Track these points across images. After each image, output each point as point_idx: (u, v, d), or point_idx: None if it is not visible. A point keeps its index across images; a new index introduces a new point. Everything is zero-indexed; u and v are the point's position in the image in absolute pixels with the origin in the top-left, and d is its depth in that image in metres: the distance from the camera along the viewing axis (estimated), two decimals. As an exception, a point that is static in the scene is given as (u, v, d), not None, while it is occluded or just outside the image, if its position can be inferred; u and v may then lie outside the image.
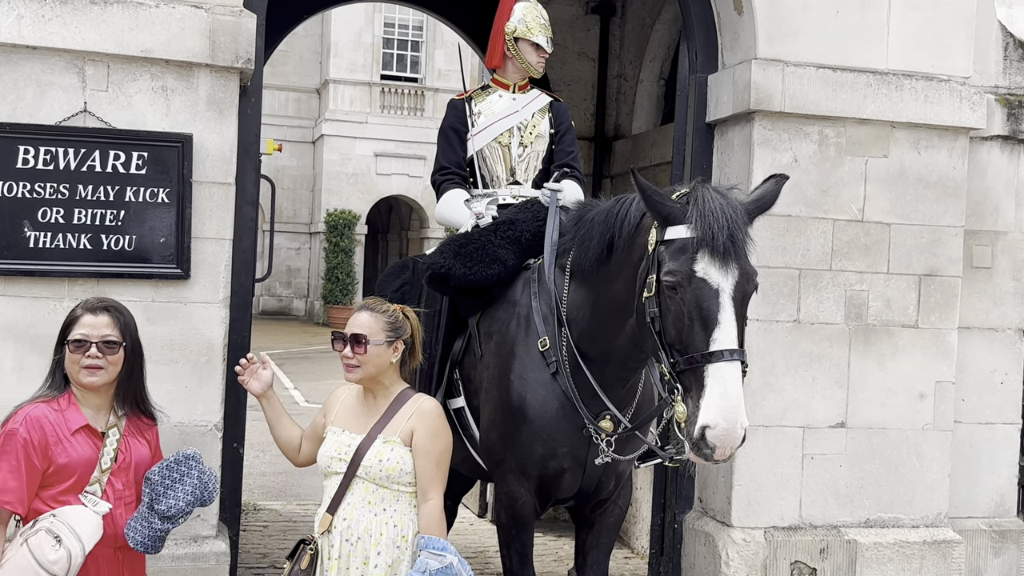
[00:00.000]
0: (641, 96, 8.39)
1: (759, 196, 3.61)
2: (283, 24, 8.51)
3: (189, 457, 3.29)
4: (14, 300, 4.44)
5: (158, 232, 4.56)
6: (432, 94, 30.35)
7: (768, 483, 5.33)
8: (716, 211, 3.32)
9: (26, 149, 4.41)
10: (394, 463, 3.40)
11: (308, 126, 31.19)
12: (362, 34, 30.16)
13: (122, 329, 3.30)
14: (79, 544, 3.10)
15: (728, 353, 3.24)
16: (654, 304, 3.44)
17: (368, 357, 3.45)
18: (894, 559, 5.43)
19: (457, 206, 4.81)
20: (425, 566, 3.29)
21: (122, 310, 3.37)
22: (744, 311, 3.40)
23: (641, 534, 6.77)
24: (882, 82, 5.41)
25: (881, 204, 5.46)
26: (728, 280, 3.31)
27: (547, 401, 4.08)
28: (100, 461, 3.25)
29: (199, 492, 3.27)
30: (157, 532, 3.22)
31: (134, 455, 3.34)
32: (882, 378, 5.48)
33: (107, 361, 3.24)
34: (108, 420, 3.32)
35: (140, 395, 3.42)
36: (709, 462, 3.29)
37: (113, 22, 4.49)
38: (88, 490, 3.22)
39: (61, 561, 3.07)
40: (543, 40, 4.92)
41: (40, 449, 3.15)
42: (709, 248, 3.30)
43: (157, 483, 3.23)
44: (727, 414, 3.19)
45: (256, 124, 4.93)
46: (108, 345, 3.24)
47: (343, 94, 30.07)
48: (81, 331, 3.23)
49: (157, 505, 3.21)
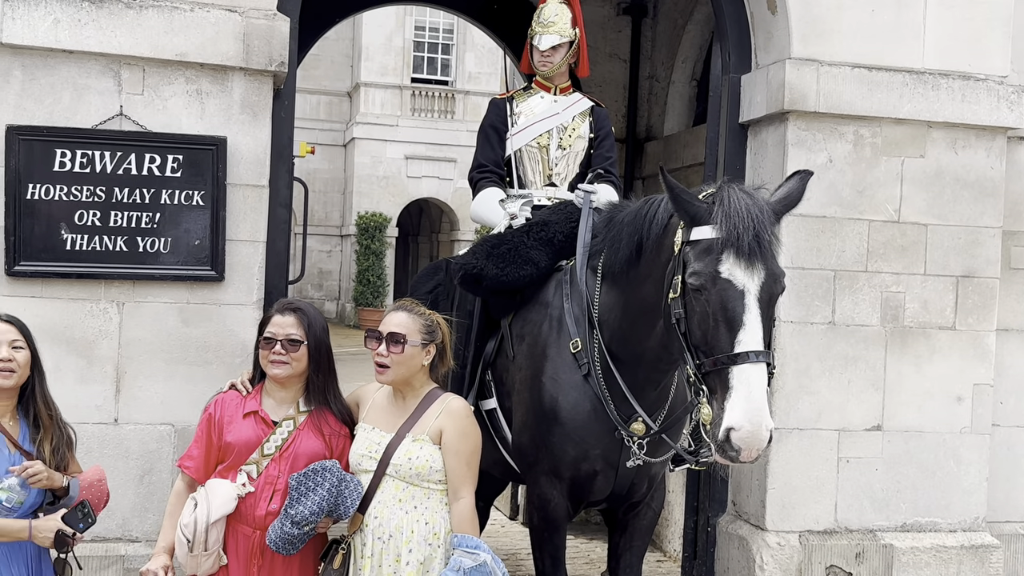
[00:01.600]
0: (673, 97, 8.36)
1: (785, 194, 3.57)
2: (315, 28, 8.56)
3: (325, 468, 3.36)
4: (51, 302, 4.49)
5: (193, 234, 4.60)
6: (462, 97, 30.38)
7: (803, 486, 5.29)
8: (742, 211, 3.29)
9: (63, 152, 4.46)
10: (423, 461, 3.40)
11: (339, 129, 31.31)
12: (393, 37, 30.24)
13: (306, 329, 3.52)
14: (206, 513, 3.35)
15: (753, 354, 3.21)
16: (679, 305, 3.42)
17: (403, 358, 3.45)
18: (931, 564, 5.37)
19: (492, 205, 4.80)
20: (459, 564, 3.29)
21: (308, 311, 3.58)
22: (771, 312, 3.37)
23: (673, 537, 6.74)
24: (918, 81, 5.35)
25: (918, 205, 5.40)
26: (754, 281, 3.28)
27: (579, 403, 4.06)
28: (263, 446, 3.46)
29: (328, 503, 3.32)
30: (287, 535, 3.32)
31: (302, 448, 3.48)
32: (919, 381, 5.42)
33: (291, 357, 3.48)
34: (288, 412, 3.53)
35: (330, 392, 3.59)
36: (735, 464, 3.26)
37: (148, 26, 4.53)
38: (244, 468, 3.45)
39: (191, 525, 3.35)
40: (542, 40, 4.86)
41: (218, 426, 3.52)
42: (734, 249, 3.27)
43: (293, 488, 3.33)
44: (752, 416, 3.16)
45: (289, 127, 4.95)
46: (292, 343, 3.49)
47: (374, 97, 30.16)
48: (271, 329, 3.52)
49: (290, 509, 3.31)
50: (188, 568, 3.40)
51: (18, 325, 3.47)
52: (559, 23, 4.87)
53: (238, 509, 3.41)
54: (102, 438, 4.54)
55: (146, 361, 4.58)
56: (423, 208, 32.58)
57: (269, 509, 3.40)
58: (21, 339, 3.41)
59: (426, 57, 30.95)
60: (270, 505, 3.41)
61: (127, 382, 4.57)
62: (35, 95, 4.48)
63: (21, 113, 4.46)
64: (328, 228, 31.17)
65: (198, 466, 3.50)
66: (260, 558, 3.42)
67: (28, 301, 4.45)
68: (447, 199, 30.00)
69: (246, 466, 3.44)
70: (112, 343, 4.56)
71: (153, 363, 4.55)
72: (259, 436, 3.48)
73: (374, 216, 29.41)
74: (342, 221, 31.19)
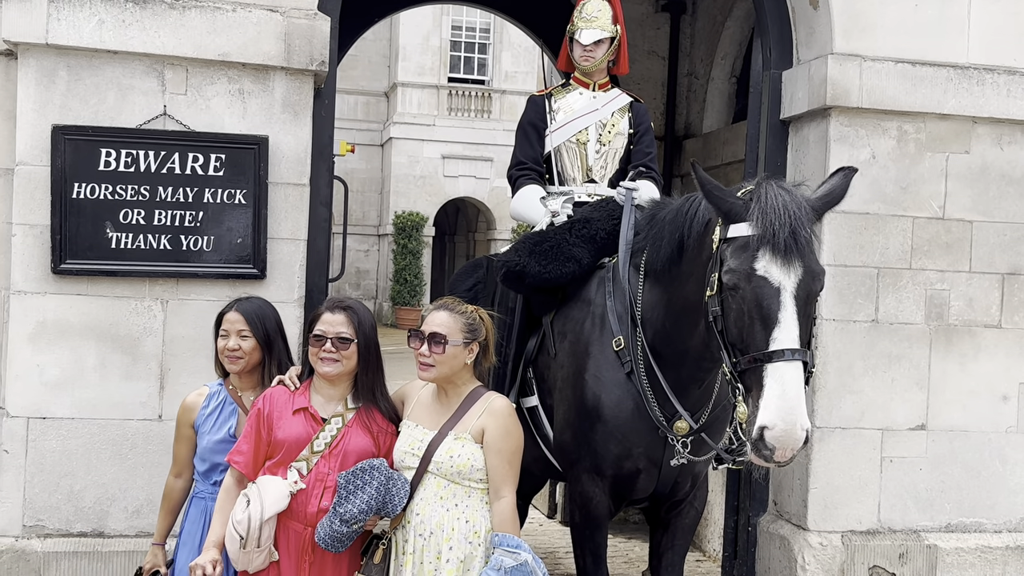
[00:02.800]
0: (712, 94, 8.32)
1: (827, 191, 3.52)
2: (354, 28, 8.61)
3: (373, 467, 3.38)
4: (97, 300, 4.55)
5: (235, 233, 4.63)
6: (499, 96, 30.39)
7: (845, 486, 5.24)
8: (779, 208, 3.25)
9: (108, 152, 4.51)
10: (465, 459, 3.41)
11: (376, 129, 31.44)
12: (430, 37, 30.32)
13: (356, 327, 3.53)
14: (260, 509, 3.36)
15: (788, 352, 3.17)
16: (716, 303, 3.40)
17: (445, 358, 3.45)
18: (976, 564, 5.30)
19: (532, 203, 4.79)
20: (500, 563, 3.29)
21: (358, 310, 3.59)
22: (809, 310, 3.33)
23: (713, 537, 6.70)
24: (963, 76, 5.28)
25: (962, 201, 5.34)
26: (790, 278, 3.24)
27: (622, 401, 4.04)
28: (313, 442, 3.48)
29: (376, 502, 3.33)
30: (336, 533, 3.34)
31: (350, 445, 3.49)
32: (964, 379, 5.36)
33: (341, 355, 3.50)
34: (336, 409, 3.54)
35: (379, 390, 3.61)
36: (770, 464, 3.23)
37: (191, 26, 4.57)
38: (295, 465, 3.46)
39: (244, 521, 3.36)
40: (582, 36, 4.85)
41: (267, 421, 3.52)
42: (770, 246, 3.24)
43: (341, 487, 3.35)
44: (785, 415, 3.13)
45: (330, 126, 4.98)
46: (342, 341, 3.50)
47: (411, 97, 30.25)
48: (320, 327, 3.52)
49: (339, 508, 3.33)
50: (240, 564, 3.42)
51: (247, 317, 3.66)
52: (601, 18, 4.86)
53: (289, 506, 3.43)
54: (147, 434, 4.59)
55: (189, 358, 4.61)
56: (460, 207, 32.64)
57: (320, 506, 3.42)
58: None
59: (463, 56, 31.00)
60: (321, 502, 3.42)
61: (171, 379, 4.62)
62: (80, 95, 4.54)
63: (66, 113, 4.52)
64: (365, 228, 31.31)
65: (247, 461, 3.51)
66: (311, 554, 3.44)
67: (74, 299, 4.51)
68: (484, 198, 30.04)
69: (296, 463, 3.45)
70: (156, 340, 4.61)
71: (196, 360, 4.58)
72: (308, 433, 3.49)
73: (411, 215, 29.50)
74: (379, 220, 31.32)
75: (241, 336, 3.63)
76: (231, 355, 3.65)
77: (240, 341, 3.63)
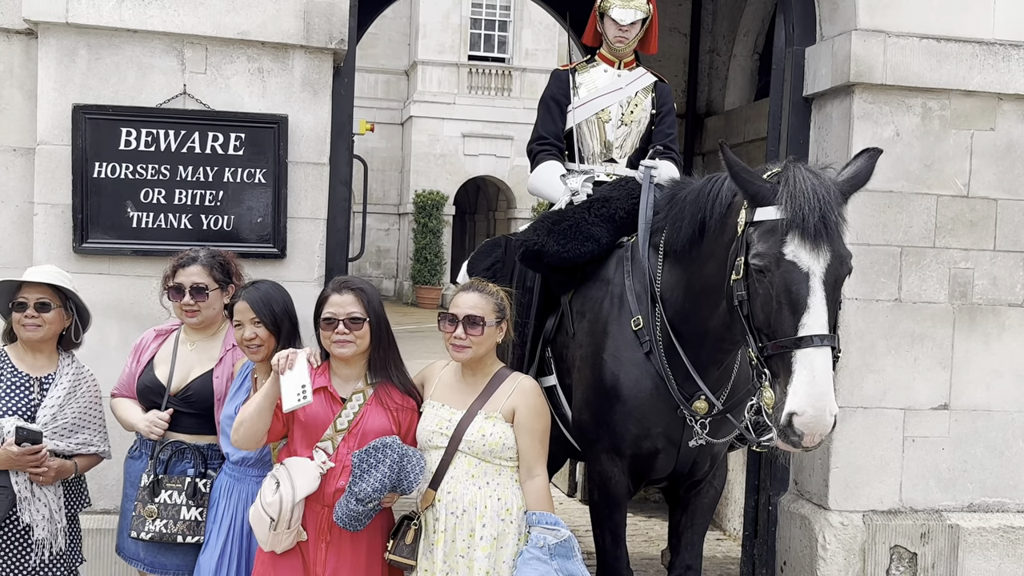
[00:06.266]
0: (734, 71, 8.24)
1: (853, 173, 3.49)
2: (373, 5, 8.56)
3: (386, 445, 3.37)
4: (118, 279, 4.57)
5: (255, 212, 4.64)
6: (519, 74, 30.26)
7: (867, 466, 5.21)
8: (808, 191, 3.22)
9: (128, 131, 4.52)
10: (497, 438, 3.42)
11: (397, 108, 31.39)
12: (450, 15, 30.19)
13: (366, 306, 3.53)
14: (291, 492, 3.36)
15: (817, 338, 3.14)
16: (742, 287, 3.36)
17: (482, 339, 3.47)
18: (998, 544, 5.27)
19: (552, 180, 4.76)
20: (543, 541, 3.32)
21: (365, 288, 3.59)
22: (836, 295, 3.30)
23: (733, 516, 6.69)
24: (988, 52, 5.21)
25: (987, 179, 5.28)
26: (819, 263, 3.21)
27: (641, 381, 4.03)
28: (336, 422, 3.47)
29: (390, 479, 3.33)
30: (352, 512, 3.34)
31: (369, 424, 3.49)
32: (987, 359, 5.31)
33: (354, 336, 3.49)
34: (356, 387, 3.54)
35: (393, 366, 3.60)
36: (797, 449, 3.21)
37: (210, 5, 4.56)
38: (320, 445, 3.46)
39: (275, 504, 3.36)
40: (621, 15, 4.78)
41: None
42: (799, 230, 3.20)
43: (355, 466, 3.35)
44: (815, 400, 3.11)
45: (349, 105, 4.96)
46: (354, 321, 3.49)
47: (431, 75, 30.17)
48: (330, 310, 3.51)
49: (353, 487, 3.33)
50: (268, 545, 3.43)
51: (253, 304, 3.62)
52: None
53: None
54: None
55: (210, 337, 4.62)
56: (480, 186, 32.60)
57: (338, 486, 3.42)
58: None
59: (483, 34, 30.86)
60: (338, 482, 3.42)
61: (192, 358, 4.63)
62: (100, 74, 4.55)
63: (87, 92, 4.53)
64: (386, 207, 31.33)
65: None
66: (328, 534, 3.45)
67: (96, 278, 4.53)
68: (504, 177, 29.97)
69: (321, 443, 3.46)
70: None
71: (217, 339, 4.59)
72: (327, 413, 3.49)
73: (431, 194, 29.49)
74: (399, 199, 31.33)
75: (254, 324, 3.62)
76: (250, 345, 3.62)
77: (255, 329, 3.62)
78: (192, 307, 3.83)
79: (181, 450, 3.77)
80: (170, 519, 3.70)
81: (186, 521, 3.70)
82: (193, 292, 3.81)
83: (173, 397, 3.80)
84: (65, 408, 3.70)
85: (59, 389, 3.71)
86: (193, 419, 3.79)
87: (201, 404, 3.77)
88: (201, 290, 3.81)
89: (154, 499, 3.70)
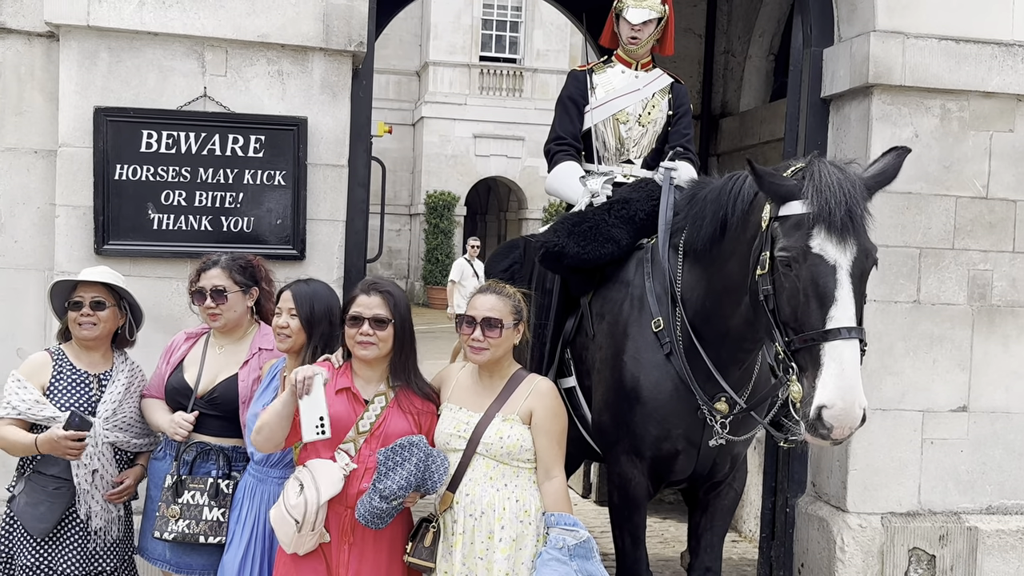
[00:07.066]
0: (749, 72, 8.23)
1: (880, 170, 3.49)
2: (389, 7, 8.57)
3: (413, 444, 3.37)
4: (139, 280, 4.58)
5: (275, 214, 4.66)
6: (531, 75, 30.25)
7: (885, 468, 5.21)
8: (833, 186, 3.22)
9: (149, 134, 4.55)
10: (515, 440, 3.42)
11: (408, 108, 31.41)
12: (461, 16, 30.20)
13: (392, 308, 3.52)
14: (316, 494, 3.36)
15: (846, 331, 3.14)
16: (768, 282, 3.36)
17: (500, 341, 3.47)
18: (1017, 547, 5.26)
19: (571, 181, 4.76)
20: (563, 542, 3.32)
21: (393, 291, 3.58)
22: (862, 288, 3.30)
23: (749, 518, 6.68)
24: (1007, 53, 5.20)
25: (1007, 180, 5.27)
26: (846, 256, 3.21)
27: (661, 382, 4.03)
28: (358, 423, 3.47)
29: (416, 478, 3.33)
30: (376, 509, 3.34)
31: (390, 426, 3.49)
32: (1007, 361, 5.30)
33: (377, 337, 3.49)
34: (378, 390, 3.54)
35: (411, 371, 3.60)
36: (826, 443, 3.20)
37: (231, 8, 4.58)
38: (342, 447, 3.46)
39: (299, 506, 3.35)
40: (634, 15, 4.78)
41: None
42: (826, 224, 3.20)
43: (381, 463, 3.34)
44: (845, 393, 3.10)
45: (367, 107, 4.98)
46: (378, 322, 3.49)
47: (442, 76, 30.18)
48: (356, 309, 3.51)
49: (378, 484, 3.33)
50: (291, 547, 3.42)
51: (295, 296, 3.64)
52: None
53: None
54: (188, 414, 4.63)
55: (230, 338, 4.64)
56: (491, 187, 32.60)
57: (361, 487, 3.41)
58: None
59: (494, 35, 30.85)
60: (361, 483, 3.42)
61: (212, 359, 4.64)
62: (121, 77, 4.57)
63: (108, 95, 4.55)
64: (397, 207, 31.33)
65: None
66: (351, 535, 3.45)
67: (117, 279, 4.55)
68: (515, 177, 29.96)
69: (344, 444, 3.46)
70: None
71: (237, 340, 4.61)
72: (349, 413, 3.49)
73: (443, 195, 29.49)
74: (411, 200, 31.35)
75: (291, 315, 3.64)
76: (280, 332, 3.65)
77: (289, 319, 3.64)
78: (213, 310, 3.85)
79: (205, 451, 3.79)
80: (192, 519, 3.71)
81: (208, 521, 3.72)
82: (213, 295, 3.83)
83: (199, 399, 3.82)
84: (123, 404, 3.82)
85: (118, 385, 3.82)
86: (218, 421, 3.80)
87: (227, 406, 3.79)
88: (220, 292, 3.83)
89: (177, 500, 3.72)
